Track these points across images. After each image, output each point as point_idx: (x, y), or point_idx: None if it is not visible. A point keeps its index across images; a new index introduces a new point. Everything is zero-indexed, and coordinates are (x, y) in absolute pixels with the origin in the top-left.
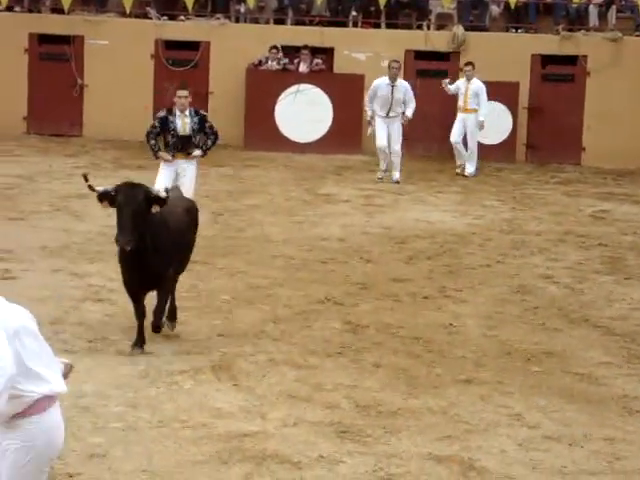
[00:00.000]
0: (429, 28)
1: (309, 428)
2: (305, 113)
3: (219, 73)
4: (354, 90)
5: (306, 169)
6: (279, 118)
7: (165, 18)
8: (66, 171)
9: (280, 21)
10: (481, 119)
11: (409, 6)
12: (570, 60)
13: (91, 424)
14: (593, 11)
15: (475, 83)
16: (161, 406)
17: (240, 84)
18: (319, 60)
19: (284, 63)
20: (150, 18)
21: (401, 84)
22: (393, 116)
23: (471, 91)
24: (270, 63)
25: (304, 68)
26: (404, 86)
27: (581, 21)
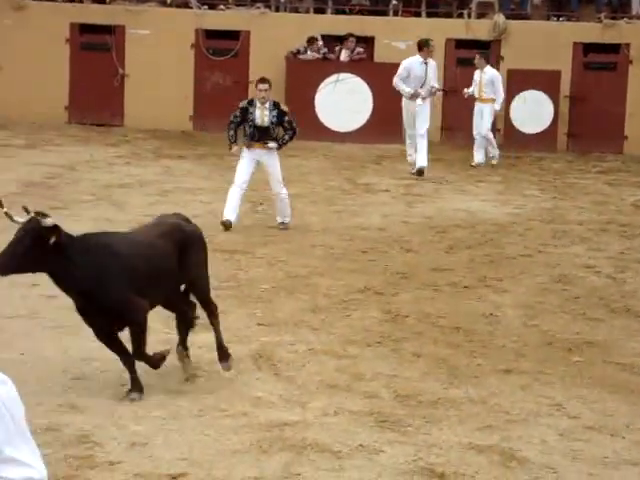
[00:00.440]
0: (470, 16)
1: (349, 417)
2: (345, 102)
3: (259, 62)
4: None
5: (346, 158)
6: (319, 107)
7: (205, 7)
8: (107, 160)
9: (320, 10)
10: (497, 108)
11: None
12: (612, 48)
13: (132, 413)
14: None
15: (489, 72)
16: (202, 395)
17: (280, 73)
18: (361, 49)
19: (324, 52)
20: (191, 7)
21: (432, 63)
22: (423, 97)
23: (485, 80)
24: (309, 53)
25: (345, 56)
26: (434, 65)
27: (623, 9)
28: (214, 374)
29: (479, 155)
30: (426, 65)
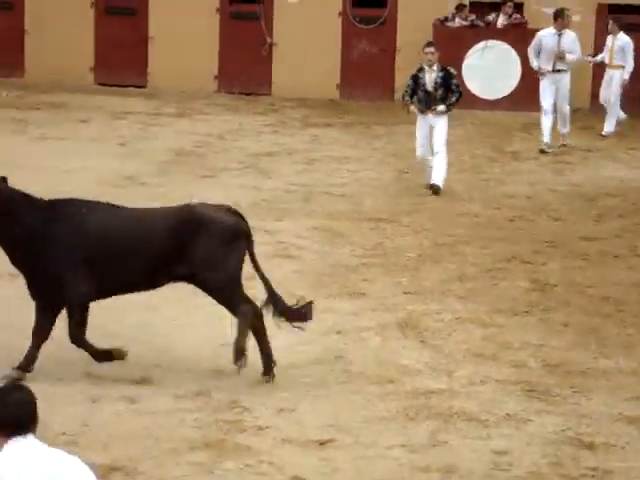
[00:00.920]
0: None
1: (495, 386)
2: (493, 70)
3: (406, 30)
4: None
5: (492, 126)
6: (466, 75)
7: None
8: (255, 129)
9: None
10: (626, 77)
11: None
12: None
13: (280, 379)
14: None
15: (621, 38)
16: (348, 362)
17: (427, 41)
18: (518, 15)
19: (471, 20)
20: None
21: (568, 34)
22: (561, 70)
23: (617, 46)
24: (457, 20)
25: (503, 21)
26: (572, 36)
27: None
28: (359, 342)
29: (609, 124)
30: (559, 37)
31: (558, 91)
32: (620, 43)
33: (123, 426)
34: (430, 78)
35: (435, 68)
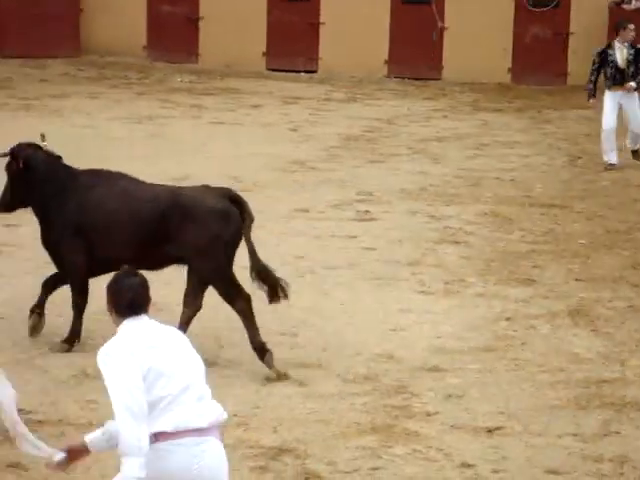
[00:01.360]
0: None
1: None
2: None
3: (581, 13)
4: None
5: None
6: None
7: None
8: (424, 114)
9: None
10: None
11: None
12: None
13: (448, 365)
14: None
15: None
16: (518, 349)
17: (602, 24)
18: None
19: None
20: None
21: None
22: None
23: None
24: (634, 3)
25: None
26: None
27: None
28: (529, 329)
29: None
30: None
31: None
32: None
33: (293, 409)
34: (622, 55)
35: (626, 45)
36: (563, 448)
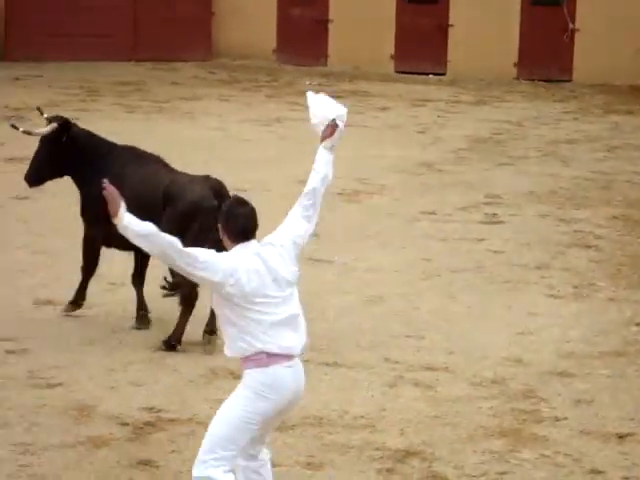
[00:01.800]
0: None
1: None
2: None
3: None
4: None
5: None
6: None
7: None
8: (554, 116)
9: None
10: None
11: None
12: None
13: (577, 369)
14: None
15: None
16: None
17: None
18: None
19: None
20: None
21: None
22: None
23: None
24: None
25: None
26: None
27: None
28: None
29: None
30: None
31: None
32: None
33: (419, 412)
34: None
35: None
36: None
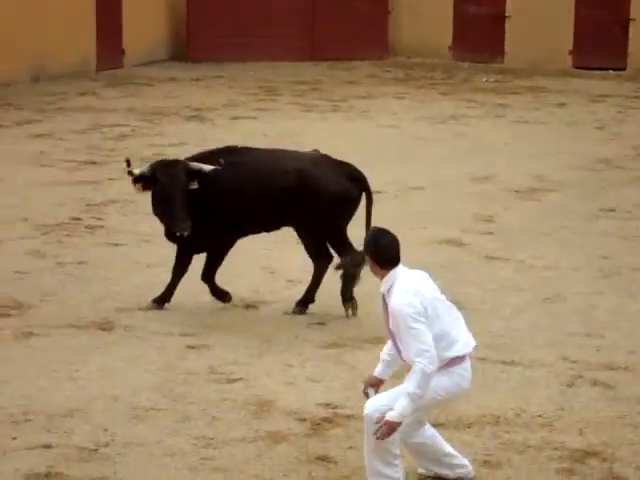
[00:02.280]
0: None
1: None
2: None
3: None
4: None
5: None
6: None
7: None
8: None
9: None
10: None
11: None
12: None
13: None
14: None
15: None
16: None
17: None
18: None
19: None
20: None
21: None
22: None
23: None
24: None
25: None
26: None
27: None
28: None
29: None
30: None
31: None
32: None
33: (599, 412)
34: None
35: None
36: None
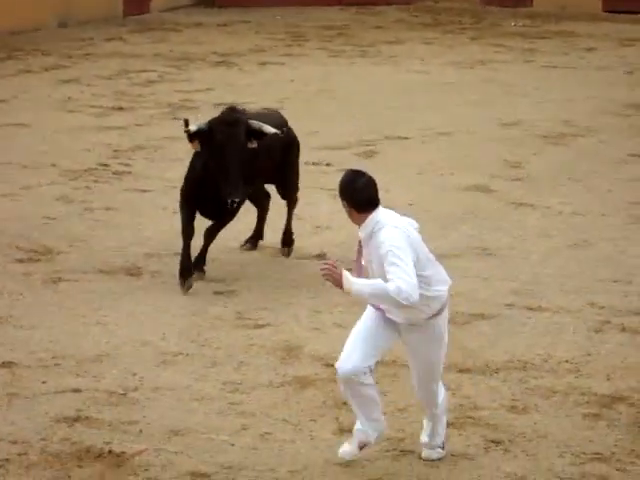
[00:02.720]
0: None
1: None
2: None
3: None
4: None
5: None
6: None
7: None
8: None
9: None
10: None
11: None
12: None
13: None
14: None
15: None
16: None
17: None
18: None
19: None
20: None
21: None
22: None
23: None
24: None
25: None
26: None
27: None
28: None
29: None
30: None
31: None
32: None
33: (626, 357)
34: None
35: None
36: None
